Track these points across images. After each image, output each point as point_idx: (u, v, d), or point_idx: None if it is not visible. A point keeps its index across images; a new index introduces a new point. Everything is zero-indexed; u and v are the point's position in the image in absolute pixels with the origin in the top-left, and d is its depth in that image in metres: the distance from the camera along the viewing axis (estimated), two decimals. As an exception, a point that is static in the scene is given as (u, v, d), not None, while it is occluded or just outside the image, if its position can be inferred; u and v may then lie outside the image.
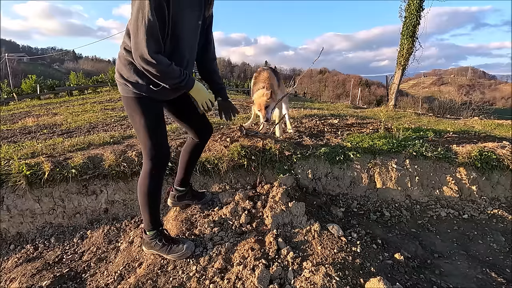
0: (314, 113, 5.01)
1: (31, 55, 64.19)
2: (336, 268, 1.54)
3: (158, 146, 1.65)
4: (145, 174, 1.66)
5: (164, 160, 1.70)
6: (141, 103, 1.59)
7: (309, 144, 2.87)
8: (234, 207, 2.14)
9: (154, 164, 1.65)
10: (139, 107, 1.59)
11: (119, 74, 1.59)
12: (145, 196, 1.68)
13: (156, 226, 1.75)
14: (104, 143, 2.93)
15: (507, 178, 2.77)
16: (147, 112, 1.60)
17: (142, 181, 1.68)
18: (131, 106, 1.60)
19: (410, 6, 9.33)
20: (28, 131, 4.42)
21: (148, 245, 1.77)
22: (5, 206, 2.10)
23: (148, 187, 1.66)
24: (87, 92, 14.31)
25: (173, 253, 1.71)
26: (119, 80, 1.61)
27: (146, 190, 1.67)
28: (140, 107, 1.59)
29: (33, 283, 1.66)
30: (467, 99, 17.55)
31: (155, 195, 1.70)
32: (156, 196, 1.71)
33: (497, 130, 4.59)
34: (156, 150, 1.64)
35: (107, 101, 8.87)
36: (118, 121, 4.94)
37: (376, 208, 2.55)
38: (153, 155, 1.64)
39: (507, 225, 2.38)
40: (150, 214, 1.72)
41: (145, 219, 1.74)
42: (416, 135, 3.40)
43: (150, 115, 1.61)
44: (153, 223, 1.74)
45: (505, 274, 1.86)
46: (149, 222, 1.73)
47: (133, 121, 1.64)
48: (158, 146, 1.64)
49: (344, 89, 41.84)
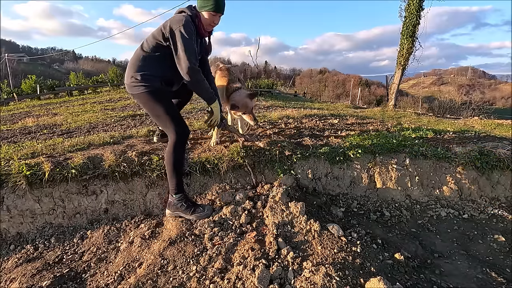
0: (314, 113, 5.01)
1: (31, 55, 64.16)
2: (336, 268, 1.54)
3: (180, 124, 2.12)
4: (171, 147, 2.08)
5: (187, 133, 2.15)
6: (155, 94, 2.09)
7: (309, 144, 2.87)
8: (234, 207, 2.14)
9: (178, 139, 2.08)
10: (154, 98, 2.09)
11: (133, 78, 2.09)
12: (172, 165, 2.06)
13: (181, 190, 2.12)
14: (104, 143, 2.93)
15: (507, 178, 2.77)
16: (163, 100, 2.11)
17: (169, 154, 2.08)
18: (148, 100, 2.09)
19: (410, 6, 9.34)
20: (28, 131, 4.42)
21: (174, 207, 2.11)
22: (5, 206, 2.10)
23: (174, 157, 2.06)
24: (87, 92, 14.31)
25: (196, 213, 2.07)
26: (133, 82, 2.10)
27: (172, 160, 2.06)
28: (156, 97, 2.09)
29: (33, 283, 1.66)
30: (467, 99, 17.55)
31: (179, 164, 2.10)
32: (180, 164, 2.11)
33: (497, 130, 4.60)
34: (179, 127, 2.10)
35: (107, 101, 8.87)
36: (118, 121, 4.94)
37: (376, 208, 2.55)
38: (178, 131, 2.08)
39: (507, 225, 2.38)
40: (177, 179, 2.09)
41: (171, 185, 2.10)
42: (416, 135, 3.40)
43: (166, 102, 2.13)
44: (179, 187, 2.10)
45: (505, 274, 1.86)
46: (175, 186, 2.09)
47: (153, 111, 2.12)
48: (180, 124, 2.12)
49: (344, 89, 41.82)
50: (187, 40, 1.95)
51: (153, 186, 2.42)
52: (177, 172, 2.09)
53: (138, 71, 2.09)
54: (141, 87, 2.09)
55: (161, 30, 2.03)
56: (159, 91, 2.12)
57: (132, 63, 2.14)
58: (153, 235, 2.03)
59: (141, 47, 2.14)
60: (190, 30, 1.96)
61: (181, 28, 1.94)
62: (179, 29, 1.94)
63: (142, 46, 2.14)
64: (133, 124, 4.64)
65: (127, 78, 2.15)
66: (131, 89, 2.16)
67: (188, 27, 1.95)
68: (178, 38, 1.95)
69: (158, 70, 2.11)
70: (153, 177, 2.39)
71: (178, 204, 2.09)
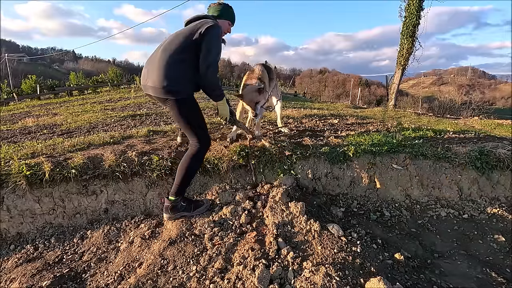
0: (314, 113, 5.01)
1: (31, 55, 64.17)
2: (336, 268, 1.54)
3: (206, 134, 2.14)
4: (191, 155, 2.09)
5: (209, 145, 2.19)
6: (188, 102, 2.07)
7: (309, 144, 2.87)
8: (234, 207, 2.14)
9: (202, 149, 2.10)
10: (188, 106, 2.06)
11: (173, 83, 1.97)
12: (186, 170, 2.07)
13: (182, 194, 2.14)
14: (104, 143, 2.93)
15: (507, 178, 2.77)
16: (195, 108, 2.11)
17: (187, 160, 2.09)
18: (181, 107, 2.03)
19: (410, 6, 9.34)
20: (28, 131, 4.42)
21: (174, 209, 2.11)
22: (5, 206, 2.10)
23: (189, 165, 2.08)
24: (87, 92, 14.31)
25: (197, 209, 2.16)
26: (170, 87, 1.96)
27: (187, 167, 2.08)
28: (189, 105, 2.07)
29: (33, 283, 1.66)
30: (467, 99, 17.56)
31: (194, 172, 2.16)
32: (192, 174, 2.15)
33: (497, 130, 4.60)
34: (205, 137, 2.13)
35: (107, 101, 8.87)
36: (118, 121, 4.94)
37: (376, 208, 2.55)
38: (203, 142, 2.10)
39: (507, 225, 2.38)
40: (183, 185, 2.11)
41: (176, 188, 2.10)
42: (416, 135, 3.40)
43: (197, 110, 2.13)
44: (180, 192, 2.13)
45: (505, 274, 1.86)
46: (178, 191, 2.10)
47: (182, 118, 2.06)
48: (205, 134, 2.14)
49: (344, 89, 41.79)
50: (218, 39, 2.07)
51: (153, 186, 2.42)
52: (185, 179, 2.10)
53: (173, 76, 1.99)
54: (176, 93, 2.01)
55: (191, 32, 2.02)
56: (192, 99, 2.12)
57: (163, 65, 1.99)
58: (153, 235, 2.03)
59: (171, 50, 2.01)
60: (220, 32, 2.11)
61: (215, 28, 2.05)
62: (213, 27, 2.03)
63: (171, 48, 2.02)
64: (133, 124, 4.64)
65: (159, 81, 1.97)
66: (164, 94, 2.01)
67: (220, 29, 2.10)
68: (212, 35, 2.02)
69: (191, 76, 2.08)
70: (153, 177, 2.39)
71: (178, 205, 2.11)
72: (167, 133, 3.37)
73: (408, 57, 9.59)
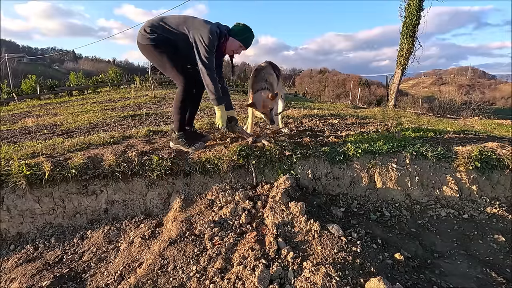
0: (314, 113, 5.01)
1: (31, 55, 64.16)
2: (336, 268, 1.54)
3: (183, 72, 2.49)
4: (179, 92, 2.51)
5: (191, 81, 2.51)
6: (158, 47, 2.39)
7: (309, 144, 2.87)
8: (234, 207, 2.14)
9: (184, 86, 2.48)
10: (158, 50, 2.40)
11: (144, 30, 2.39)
12: (177, 106, 2.54)
13: (182, 129, 2.64)
14: (104, 143, 2.93)
15: (507, 178, 2.77)
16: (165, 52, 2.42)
17: (176, 97, 2.53)
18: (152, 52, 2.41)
19: (410, 6, 9.35)
20: (28, 131, 4.42)
21: (175, 141, 2.66)
22: (5, 206, 2.10)
23: (179, 100, 2.51)
24: (87, 92, 14.32)
25: (192, 146, 2.62)
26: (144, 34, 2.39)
27: (178, 102, 2.53)
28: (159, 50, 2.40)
29: (33, 283, 1.66)
30: (467, 99, 17.56)
31: (183, 106, 2.58)
32: (184, 106, 2.59)
33: (497, 130, 4.60)
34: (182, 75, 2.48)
35: (107, 101, 8.87)
36: (118, 121, 4.94)
37: (376, 208, 2.55)
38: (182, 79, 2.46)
39: (507, 225, 2.38)
40: (180, 120, 2.60)
41: (175, 124, 2.62)
42: (416, 135, 3.40)
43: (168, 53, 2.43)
44: (181, 127, 2.63)
45: (505, 274, 1.86)
46: (178, 126, 2.61)
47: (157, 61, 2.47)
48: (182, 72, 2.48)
49: (344, 89, 41.78)
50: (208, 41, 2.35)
51: (153, 186, 2.42)
52: (180, 113, 2.56)
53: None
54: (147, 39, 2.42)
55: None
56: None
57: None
58: (153, 235, 2.03)
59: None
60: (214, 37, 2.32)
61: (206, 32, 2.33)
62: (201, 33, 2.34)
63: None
64: (133, 124, 4.64)
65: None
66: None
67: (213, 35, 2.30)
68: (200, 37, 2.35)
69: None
70: (153, 177, 2.39)
71: (179, 139, 2.61)
72: (167, 133, 3.37)
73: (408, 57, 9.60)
